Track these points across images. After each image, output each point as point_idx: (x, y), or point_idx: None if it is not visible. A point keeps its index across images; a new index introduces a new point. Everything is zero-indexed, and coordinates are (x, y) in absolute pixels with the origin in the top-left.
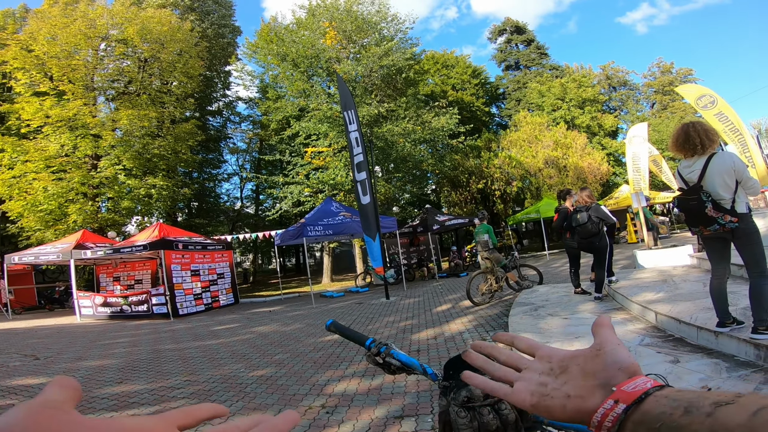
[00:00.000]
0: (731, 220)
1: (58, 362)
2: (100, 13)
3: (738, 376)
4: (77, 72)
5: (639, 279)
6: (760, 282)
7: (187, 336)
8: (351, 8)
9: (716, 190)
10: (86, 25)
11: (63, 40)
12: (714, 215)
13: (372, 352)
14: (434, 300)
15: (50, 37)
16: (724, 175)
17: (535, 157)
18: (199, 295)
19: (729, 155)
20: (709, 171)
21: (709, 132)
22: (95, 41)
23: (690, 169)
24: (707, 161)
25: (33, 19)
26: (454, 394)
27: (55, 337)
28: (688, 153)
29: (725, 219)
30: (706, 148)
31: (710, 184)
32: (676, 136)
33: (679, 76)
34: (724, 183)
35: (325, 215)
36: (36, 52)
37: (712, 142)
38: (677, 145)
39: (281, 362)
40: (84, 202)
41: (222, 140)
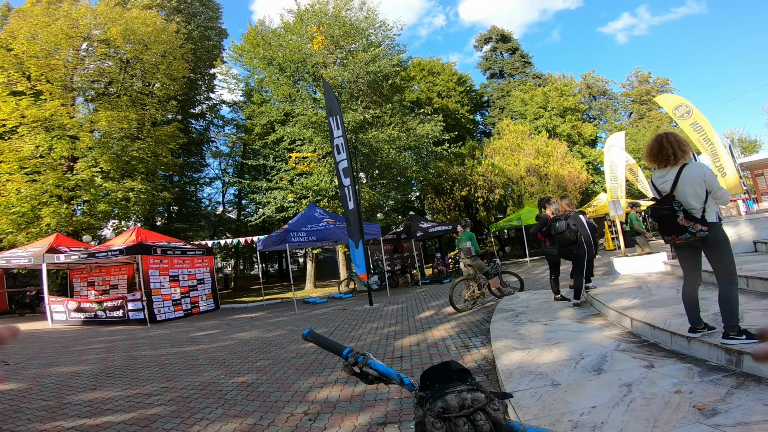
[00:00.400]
0: (702, 229)
1: (29, 368)
2: (83, 12)
3: (710, 381)
4: (56, 72)
5: (615, 285)
6: (729, 288)
7: (164, 342)
8: (339, 14)
9: (687, 200)
10: (68, 24)
11: (43, 39)
12: (685, 224)
13: (349, 362)
14: (417, 306)
15: (31, 36)
16: (695, 185)
17: (518, 165)
18: (178, 301)
19: (700, 166)
20: (680, 181)
21: (682, 143)
22: (77, 41)
23: (663, 179)
24: (679, 172)
25: (14, 18)
26: (429, 404)
27: (25, 343)
28: (661, 163)
29: (696, 228)
30: (679, 159)
31: (682, 194)
32: (650, 146)
33: (656, 85)
34: (695, 193)
35: (309, 221)
36: (15, 51)
37: (685, 153)
38: (651, 156)
39: (263, 369)
40: (58, 205)
41: (204, 144)
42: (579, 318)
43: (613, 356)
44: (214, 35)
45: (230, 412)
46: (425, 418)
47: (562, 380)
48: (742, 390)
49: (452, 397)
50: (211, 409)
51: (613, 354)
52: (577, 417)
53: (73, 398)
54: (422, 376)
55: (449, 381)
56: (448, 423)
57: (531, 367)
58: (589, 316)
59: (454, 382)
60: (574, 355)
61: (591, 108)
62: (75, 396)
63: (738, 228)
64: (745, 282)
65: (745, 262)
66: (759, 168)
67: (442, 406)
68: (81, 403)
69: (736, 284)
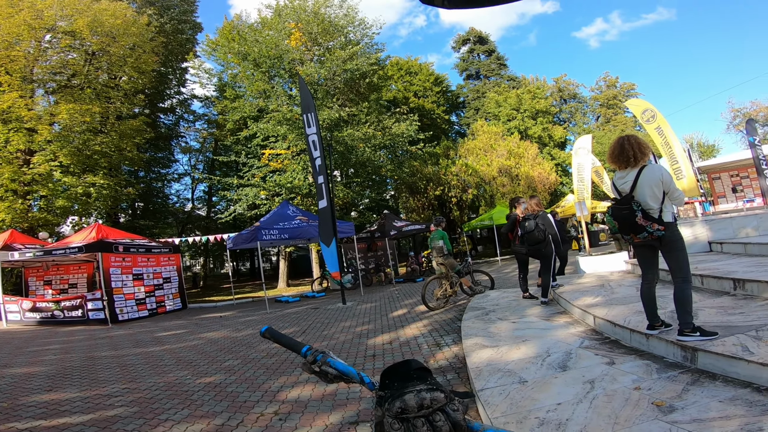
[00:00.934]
0: (658, 228)
1: None
2: (49, 3)
3: (667, 377)
4: (16, 63)
5: (580, 284)
6: (683, 287)
7: (127, 342)
8: (318, 10)
9: (646, 200)
10: (32, 15)
11: (4, 31)
12: (643, 224)
13: (308, 360)
14: (391, 305)
15: None
16: (653, 186)
17: (490, 165)
18: (142, 300)
19: (658, 168)
20: (639, 182)
21: (642, 145)
22: (40, 32)
23: (623, 180)
24: (639, 173)
25: None
26: (388, 404)
27: None
28: (622, 165)
29: (653, 227)
30: (638, 161)
31: (641, 195)
32: (612, 148)
33: (622, 90)
34: (652, 193)
35: (281, 219)
36: None
37: (644, 155)
38: (612, 157)
39: (231, 368)
40: (13, 200)
41: (174, 139)
42: (546, 316)
43: (577, 353)
44: (188, 29)
45: (197, 412)
46: (384, 418)
47: (529, 377)
48: (698, 386)
49: (411, 396)
50: (176, 410)
51: (577, 351)
52: (544, 414)
53: (28, 399)
54: (382, 375)
55: (409, 380)
56: (407, 423)
57: (500, 365)
58: (555, 314)
59: (414, 381)
60: (540, 352)
61: (562, 111)
62: (30, 397)
63: (694, 229)
64: (700, 281)
65: (701, 261)
66: (716, 172)
67: (401, 406)
68: (36, 404)
69: (690, 282)
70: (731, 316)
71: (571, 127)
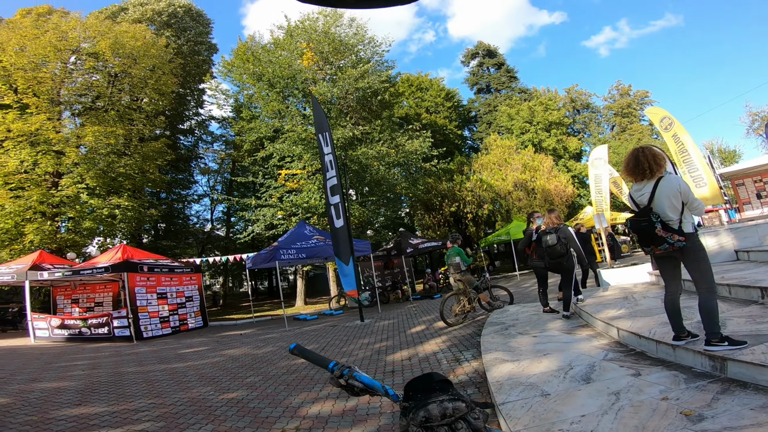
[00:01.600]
0: (679, 240)
1: (11, 383)
2: (73, 25)
3: (696, 387)
4: (43, 85)
5: (602, 297)
6: (708, 297)
7: (151, 359)
8: (329, 30)
9: (664, 212)
10: (57, 37)
11: (32, 52)
12: (663, 235)
13: (335, 374)
14: (409, 321)
15: (19, 48)
16: (671, 197)
17: (505, 180)
18: (165, 318)
19: (675, 178)
20: (657, 194)
21: (657, 157)
22: (65, 54)
23: (640, 192)
24: (656, 185)
25: (3, 30)
26: (412, 414)
27: (7, 359)
28: (638, 177)
29: (674, 238)
30: (654, 173)
31: (659, 206)
32: (627, 161)
33: (636, 98)
34: (671, 205)
35: (299, 239)
36: (3, 63)
37: (660, 166)
38: (628, 170)
39: (253, 385)
40: (42, 222)
41: (193, 160)
42: (567, 329)
43: (601, 365)
44: (204, 50)
45: (220, 428)
46: (408, 427)
47: (551, 390)
48: (728, 395)
49: (434, 406)
50: (201, 425)
51: (601, 363)
52: (567, 426)
53: (58, 413)
54: (405, 387)
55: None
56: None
57: (521, 379)
58: (577, 327)
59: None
60: (563, 365)
61: (575, 122)
62: (59, 411)
63: (719, 237)
64: (728, 290)
65: (727, 270)
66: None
67: (425, 416)
68: (66, 418)
69: (714, 293)
70: (760, 324)
71: (586, 138)
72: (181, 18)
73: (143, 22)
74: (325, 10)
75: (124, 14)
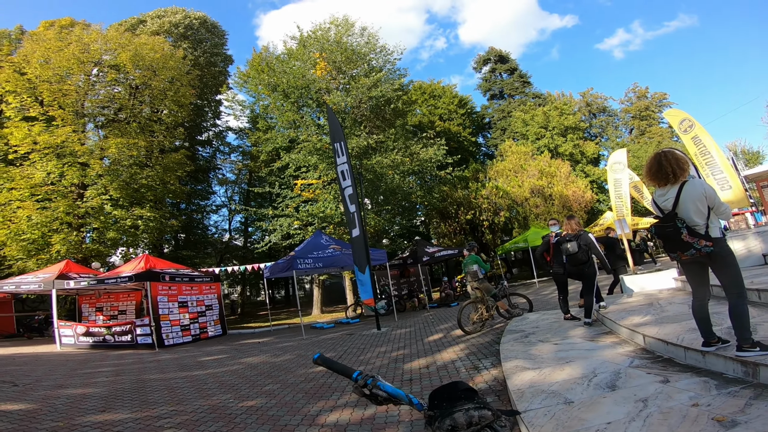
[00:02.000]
0: (706, 245)
1: (37, 389)
2: (94, 38)
3: (728, 393)
4: (68, 97)
5: (626, 303)
6: (738, 303)
7: (173, 366)
8: (341, 39)
9: (690, 217)
10: (80, 49)
11: (56, 64)
12: (690, 240)
13: (359, 384)
14: (426, 330)
15: (43, 60)
16: (697, 201)
17: (521, 186)
18: (186, 326)
19: (699, 182)
20: (682, 198)
21: (680, 161)
22: (88, 66)
23: (664, 197)
24: (680, 189)
25: (28, 42)
26: (438, 423)
27: (33, 365)
28: (661, 182)
29: (700, 244)
30: (678, 177)
31: (684, 211)
32: (649, 165)
33: (654, 100)
34: (697, 209)
35: (315, 248)
36: (28, 75)
37: (683, 170)
38: (650, 175)
39: (271, 393)
40: (68, 232)
41: (211, 171)
42: (590, 337)
43: (627, 372)
44: (219, 61)
45: None
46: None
47: (575, 398)
48: (761, 400)
49: (460, 415)
50: None
51: (626, 370)
52: None
53: (83, 419)
54: (430, 396)
55: (457, 400)
56: None
57: (543, 386)
58: (600, 334)
59: (462, 401)
60: (586, 372)
61: (592, 126)
62: (85, 417)
63: (747, 241)
64: (758, 295)
65: (756, 275)
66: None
67: (451, 424)
68: (91, 424)
69: (745, 297)
70: None
71: (604, 142)
72: (197, 30)
73: (161, 34)
74: (337, 20)
75: (142, 26)
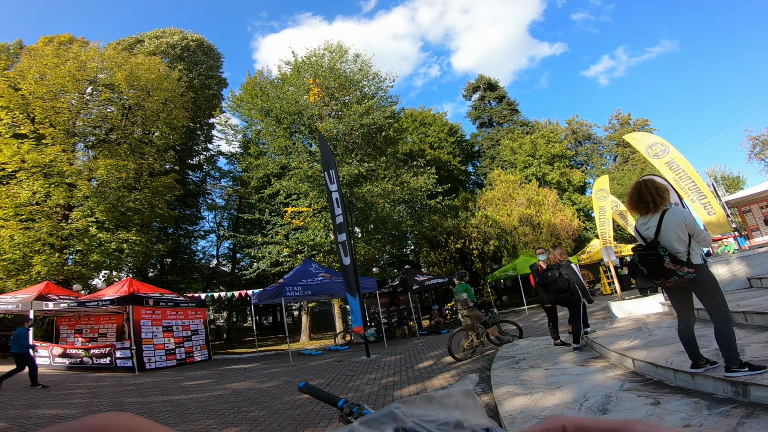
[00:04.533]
0: (689, 272)
1: (9, 408)
2: (91, 55)
3: (719, 413)
4: (60, 115)
5: (615, 328)
6: (723, 326)
7: (153, 390)
8: (334, 66)
9: (672, 244)
10: (76, 66)
11: (51, 81)
12: (672, 268)
13: (344, 412)
14: (416, 357)
15: (39, 76)
16: (678, 229)
17: (510, 215)
18: (172, 350)
19: (680, 211)
20: (663, 227)
21: (660, 189)
22: (83, 84)
23: (646, 226)
24: (661, 218)
25: (25, 57)
26: None
27: (6, 384)
28: (642, 210)
29: (683, 270)
30: (659, 206)
31: (666, 239)
32: (630, 195)
33: (636, 127)
34: (678, 237)
35: (305, 276)
36: (23, 90)
37: (663, 199)
38: (632, 204)
39: (257, 419)
40: (50, 254)
41: (200, 196)
42: (580, 361)
43: (618, 396)
44: (214, 84)
45: None
46: None
47: None
48: (753, 419)
49: None
50: None
51: (617, 394)
52: None
53: None
54: None
55: None
56: None
57: (534, 411)
58: (590, 359)
59: None
60: (577, 397)
61: (578, 153)
62: None
63: (731, 266)
64: (744, 317)
65: (742, 298)
66: (746, 204)
67: None
68: None
69: (729, 320)
70: None
71: (589, 170)
72: (194, 52)
73: (158, 54)
74: (331, 46)
75: (140, 46)
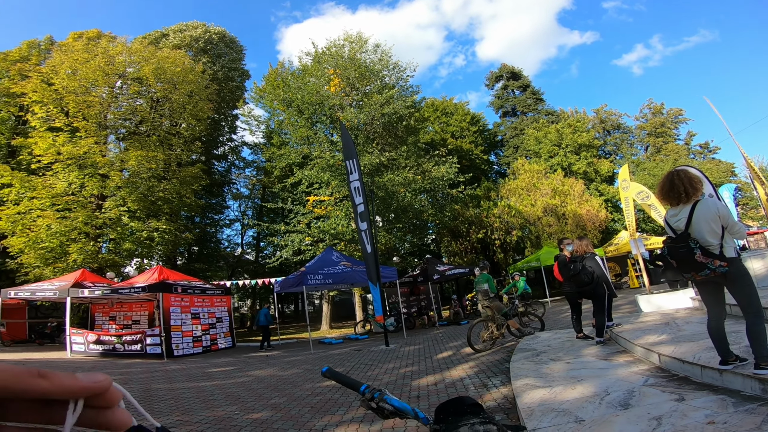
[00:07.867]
0: (721, 265)
1: None
2: (119, 50)
3: (745, 410)
4: (92, 108)
5: (642, 322)
6: (755, 321)
7: (180, 376)
8: (354, 56)
9: (704, 237)
10: (105, 61)
11: (82, 75)
12: (704, 261)
13: (366, 397)
14: (435, 347)
15: (71, 71)
16: (710, 221)
17: (534, 205)
18: (198, 338)
19: (713, 202)
20: (695, 218)
21: (693, 180)
22: (112, 78)
23: (676, 217)
24: (692, 209)
25: (57, 52)
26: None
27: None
28: (673, 201)
29: (715, 264)
30: (690, 196)
31: (697, 232)
32: (662, 185)
33: (669, 116)
34: (711, 229)
35: (326, 264)
36: (56, 85)
37: (696, 190)
38: (663, 194)
39: (278, 406)
40: (86, 242)
41: (225, 185)
42: (604, 355)
43: (641, 391)
44: (237, 76)
45: None
46: None
47: (586, 416)
48: None
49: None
50: None
51: (641, 389)
52: None
53: None
54: (437, 411)
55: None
56: None
57: (553, 405)
58: (614, 353)
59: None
60: (599, 391)
61: (606, 143)
62: None
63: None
64: None
65: None
66: None
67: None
68: None
69: (762, 316)
70: None
71: (618, 160)
72: (216, 44)
73: (182, 48)
74: (351, 36)
75: (165, 40)
